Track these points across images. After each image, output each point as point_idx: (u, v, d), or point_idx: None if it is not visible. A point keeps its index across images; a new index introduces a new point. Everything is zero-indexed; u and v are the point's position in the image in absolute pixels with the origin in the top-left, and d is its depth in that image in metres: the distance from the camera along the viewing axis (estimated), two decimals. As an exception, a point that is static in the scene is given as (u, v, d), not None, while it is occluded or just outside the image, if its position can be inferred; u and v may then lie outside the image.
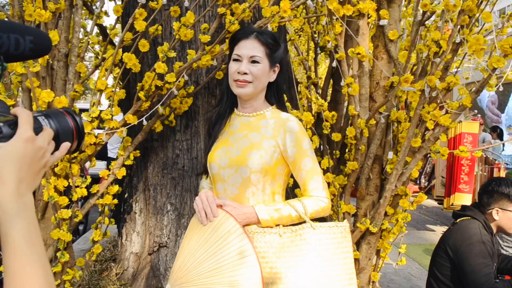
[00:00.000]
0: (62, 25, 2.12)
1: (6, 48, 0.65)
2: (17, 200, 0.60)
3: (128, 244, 2.53)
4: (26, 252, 0.59)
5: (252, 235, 1.41)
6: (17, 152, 0.62)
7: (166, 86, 2.03)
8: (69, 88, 2.06)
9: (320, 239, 1.40)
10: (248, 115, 1.52)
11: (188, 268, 1.39)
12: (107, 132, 2.00)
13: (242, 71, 1.42)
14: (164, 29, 2.35)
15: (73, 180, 1.97)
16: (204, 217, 1.42)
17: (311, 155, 1.46)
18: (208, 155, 1.54)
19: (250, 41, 1.45)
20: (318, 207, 1.43)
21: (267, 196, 1.48)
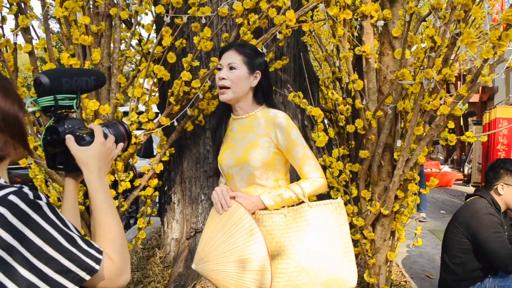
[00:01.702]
0: (104, 42, 2.48)
1: (81, 86, 1.00)
2: (99, 180, 0.95)
3: (169, 231, 2.88)
4: (105, 209, 0.93)
5: (261, 216, 1.66)
6: (96, 152, 0.96)
7: (192, 91, 2.34)
8: (112, 96, 2.41)
9: (317, 216, 1.62)
10: (242, 117, 1.75)
11: (209, 249, 1.65)
12: (145, 133, 2.33)
13: (221, 76, 1.67)
14: (191, 40, 2.66)
15: (118, 175, 2.32)
16: (220, 208, 1.67)
17: (300, 144, 1.67)
18: (218, 158, 1.79)
19: (229, 52, 1.70)
20: (314, 186, 1.65)
21: (272, 184, 1.72)
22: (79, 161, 0.95)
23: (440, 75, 2.12)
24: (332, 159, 2.47)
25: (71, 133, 0.97)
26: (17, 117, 0.87)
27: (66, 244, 0.77)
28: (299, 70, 2.92)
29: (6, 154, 0.85)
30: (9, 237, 0.71)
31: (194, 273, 2.68)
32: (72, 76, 0.98)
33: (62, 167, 1.02)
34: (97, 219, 0.92)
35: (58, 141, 0.97)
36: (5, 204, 0.72)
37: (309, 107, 2.39)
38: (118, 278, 0.87)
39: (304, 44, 3.04)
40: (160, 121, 2.34)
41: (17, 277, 0.71)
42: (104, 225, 0.92)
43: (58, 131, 0.97)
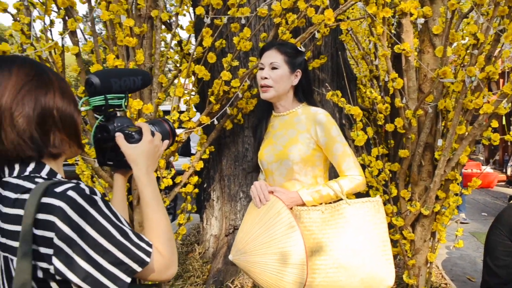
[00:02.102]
0: (146, 44, 2.57)
1: (129, 86, 1.04)
2: (147, 176, 0.98)
3: (208, 227, 2.94)
4: (154, 205, 0.96)
5: (299, 212, 1.68)
6: (145, 149, 0.99)
7: (232, 91, 2.38)
8: (154, 96, 2.49)
9: (355, 213, 1.63)
10: (283, 115, 1.79)
11: (247, 241, 1.68)
12: (185, 132, 2.40)
13: (263, 76, 1.70)
14: (230, 40, 2.71)
15: (160, 172, 2.40)
16: (259, 201, 1.71)
17: (340, 141, 1.68)
18: (258, 153, 1.84)
19: (271, 51, 1.73)
20: (353, 184, 1.66)
21: (310, 180, 1.74)
22: (128, 158, 0.99)
23: (483, 73, 2.08)
24: (371, 158, 2.45)
25: (121, 131, 1.01)
26: (72, 117, 0.91)
27: (119, 237, 0.81)
28: (337, 68, 2.92)
29: (62, 151, 0.90)
30: (69, 230, 0.75)
31: (232, 269, 2.73)
32: (121, 76, 1.03)
33: (112, 164, 1.07)
34: (146, 214, 0.96)
35: (108, 138, 1.02)
36: (65, 199, 0.76)
37: (347, 106, 2.39)
38: (166, 271, 0.91)
39: (341, 43, 3.03)
40: (200, 120, 2.40)
41: (75, 267, 0.75)
42: (152, 220, 0.95)
43: (108, 129, 1.01)
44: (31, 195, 0.77)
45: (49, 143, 0.87)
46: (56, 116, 0.87)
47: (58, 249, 0.75)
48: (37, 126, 0.84)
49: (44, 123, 0.85)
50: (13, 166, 0.85)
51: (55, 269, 0.75)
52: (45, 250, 0.75)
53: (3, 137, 0.81)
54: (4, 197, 0.82)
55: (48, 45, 2.14)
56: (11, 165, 0.85)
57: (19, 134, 0.82)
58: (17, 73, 0.84)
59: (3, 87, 0.82)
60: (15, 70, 0.84)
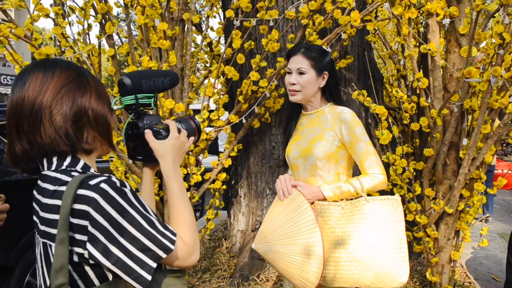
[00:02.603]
0: (177, 45, 2.68)
1: (158, 86, 1.12)
2: (173, 170, 1.03)
3: (236, 223, 3.04)
4: (179, 197, 1.01)
5: (320, 207, 1.75)
6: (172, 145, 1.05)
7: (260, 90, 2.47)
8: (185, 95, 2.60)
9: (374, 211, 1.67)
10: (311, 113, 1.86)
11: (269, 231, 1.76)
12: (215, 130, 2.50)
13: (291, 82, 1.78)
14: (258, 41, 2.80)
15: (190, 169, 2.51)
16: (282, 194, 1.79)
17: (364, 140, 1.73)
18: (286, 149, 1.92)
19: (297, 57, 1.79)
20: (373, 182, 1.71)
21: (332, 177, 1.80)
22: (156, 153, 1.04)
23: (509, 73, 2.10)
24: (395, 156, 2.50)
25: (149, 128, 1.07)
26: (106, 118, 0.99)
27: (147, 226, 0.88)
28: (363, 68, 2.97)
29: (94, 148, 0.98)
30: (101, 219, 0.83)
31: (258, 264, 2.82)
32: (151, 77, 1.09)
33: (141, 158, 1.13)
34: (172, 204, 1.01)
35: (138, 135, 1.08)
36: (98, 190, 0.84)
37: (373, 105, 2.44)
38: (189, 257, 0.97)
39: (368, 43, 3.07)
40: (229, 119, 2.50)
41: (107, 253, 0.83)
42: (177, 210, 1.00)
43: (138, 126, 1.08)
44: (68, 187, 0.85)
45: (82, 140, 0.94)
46: (91, 116, 0.95)
47: (92, 236, 0.83)
48: (72, 123, 0.92)
49: (78, 121, 0.93)
50: (51, 160, 0.94)
51: (89, 254, 0.83)
52: (81, 237, 0.84)
53: (42, 132, 0.90)
54: (44, 188, 0.91)
55: (88, 48, 2.27)
56: (49, 159, 0.94)
57: (56, 129, 0.90)
58: (59, 74, 0.93)
59: (46, 86, 0.91)
60: (58, 72, 0.93)
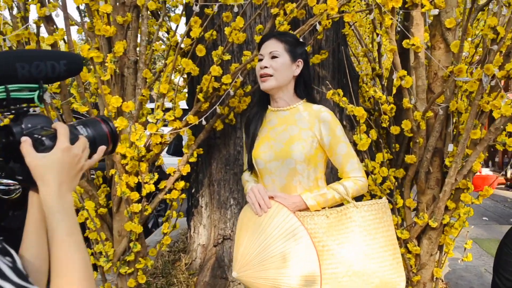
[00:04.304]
0: (131, 35, 2.33)
1: (44, 73, 0.78)
2: (59, 199, 0.73)
3: (196, 236, 2.71)
4: (67, 241, 0.71)
5: (302, 218, 1.53)
6: (57, 160, 0.73)
7: (223, 87, 2.15)
8: (138, 92, 2.25)
9: (364, 216, 1.53)
10: (283, 109, 1.65)
11: (251, 255, 1.51)
12: (171, 132, 2.17)
13: (263, 65, 1.58)
14: (222, 32, 2.48)
15: (142, 177, 2.17)
16: (259, 209, 1.54)
17: (344, 141, 1.59)
18: (252, 152, 1.65)
19: (270, 41, 1.61)
20: (357, 186, 1.57)
21: (312, 183, 1.61)
22: (33, 172, 0.73)
23: (503, 71, 1.86)
24: (375, 164, 2.23)
25: (29, 134, 0.75)
26: None
27: None
28: (338, 65, 2.70)
29: None
30: None
31: (221, 283, 2.51)
32: (32, 60, 0.76)
33: (22, 179, 0.78)
34: (54, 253, 0.71)
35: (13, 144, 0.74)
36: None
37: (349, 106, 2.17)
38: None
39: (344, 38, 2.81)
40: (187, 120, 2.17)
41: None
42: (63, 261, 0.70)
43: (13, 132, 0.75)
44: None
45: None
46: None
47: None
48: None
49: None
50: None
51: None
52: None
53: None
54: None
55: (17, 32, 1.90)
56: None
57: None
58: None
59: None
60: None
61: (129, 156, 2.08)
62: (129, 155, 2.07)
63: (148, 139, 2.18)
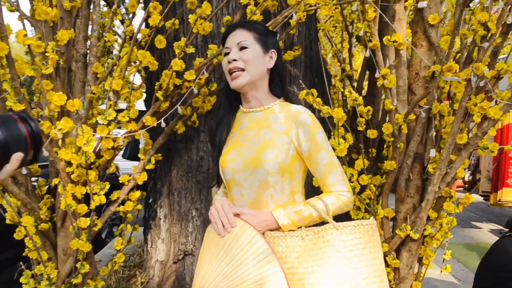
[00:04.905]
0: (80, 24, 2.04)
1: None
2: None
3: (153, 251, 2.43)
4: None
5: (272, 239, 1.30)
6: None
7: (185, 85, 1.90)
8: (87, 89, 1.96)
9: (345, 239, 1.27)
10: (255, 110, 1.42)
11: (211, 282, 1.27)
12: (125, 136, 1.89)
13: (231, 58, 1.35)
14: (186, 23, 2.23)
15: (91, 187, 1.87)
16: (222, 228, 1.30)
17: (327, 148, 1.35)
18: (220, 160, 1.42)
19: (236, 31, 1.39)
20: (340, 202, 1.32)
21: (286, 197, 1.37)
22: None
23: (493, 71, 1.72)
24: (352, 171, 2.05)
25: None
26: None
27: None
28: (310, 64, 2.50)
29: None
30: None
31: (182, 305, 2.24)
32: None
33: None
34: None
35: None
36: None
37: (325, 108, 1.98)
38: None
39: (316, 35, 2.62)
40: (144, 121, 1.90)
41: None
42: None
43: None
44: None
45: None
46: None
47: None
48: None
49: None
50: None
51: None
52: None
53: None
54: None
55: None
56: None
57: None
58: None
59: None
60: None
61: (75, 163, 1.78)
62: (75, 162, 1.78)
63: (98, 144, 1.90)
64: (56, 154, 1.81)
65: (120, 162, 3.12)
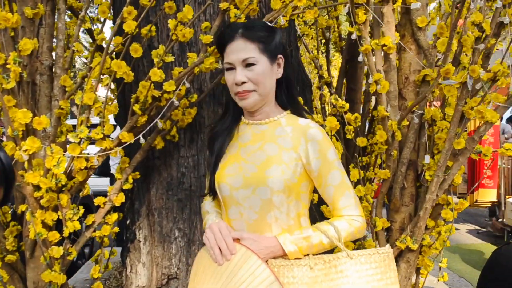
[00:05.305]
0: (44, 33, 1.87)
1: None
2: None
3: (133, 276, 2.24)
4: None
5: (277, 269, 1.17)
6: None
7: (165, 96, 1.75)
8: (54, 105, 1.79)
9: (360, 270, 1.17)
10: (260, 123, 1.30)
11: None
12: (99, 155, 1.72)
13: (239, 81, 1.20)
14: (160, 32, 2.08)
15: (63, 213, 1.69)
16: (219, 255, 1.15)
17: (339, 167, 1.23)
18: (216, 174, 1.29)
19: (237, 42, 1.22)
20: (352, 228, 1.20)
21: (292, 220, 1.24)
22: None
23: (489, 73, 1.66)
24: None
25: None
26: None
27: None
28: (291, 71, 2.39)
29: None
30: None
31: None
32: None
33: None
34: None
35: None
36: None
37: (316, 116, 1.87)
38: None
39: (296, 43, 2.52)
40: (120, 138, 1.74)
41: None
42: None
43: None
44: None
45: None
46: None
47: None
48: None
49: None
50: None
51: None
52: None
53: None
54: None
55: None
56: None
57: None
58: None
59: None
60: None
61: (44, 187, 1.59)
62: (44, 186, 1.59)
63: (69, 164, 1.72)
64: (22, 178, 1.62)
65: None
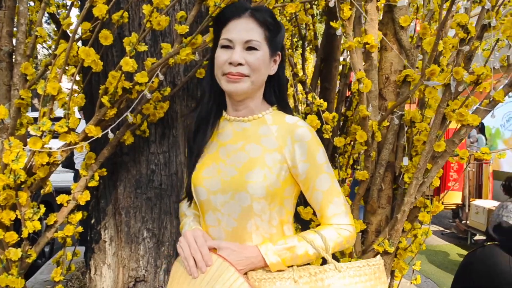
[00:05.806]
0: (4, 17, 1.73)
1: None
2: None
3: (98, 279, 2.11)
4: None
5: (258, 283, 1.07)
6: None
7: (136, 88, 1.64)
8: (14, 94, 1.65)
9: (348, 284, 1.09)
10: (242, 120, 1.19)
11: None
12: (63, 149, 1.59)
13: (236, 61, 1.08)
14: (132, 19, 1.95)
15: (22, 212, 1.55)
16: (194, 267, 1.06)
17: (328, 171, 1.14)
18: (192, 175, 1.18)
19: (244, 21, 1.11)
20: (341, 238, 1.12)
21: (275, 228, 1.15)
22: None
23: (473, 76, 1.63)
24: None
25: None
26: None
27: None
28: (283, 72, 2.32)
29: None
30: None
31: None
32: None
33: None
34: None
35: None
36: None
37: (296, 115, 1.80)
38: None
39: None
40: (86, 131, 1.61)
41: None
42: None
43: None
44: None
45: None
46: None
47: None
48: None
49: None
50: None
51: None
52: None
53: None
54: None
55: None
56: None
57: None
58: None
59: None
60: None
61: (1, 184, 1.46)
62: (1, 182, 1.45)
63: (29, 159, 1.58)
64: (-24, 174, 1.48)
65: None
